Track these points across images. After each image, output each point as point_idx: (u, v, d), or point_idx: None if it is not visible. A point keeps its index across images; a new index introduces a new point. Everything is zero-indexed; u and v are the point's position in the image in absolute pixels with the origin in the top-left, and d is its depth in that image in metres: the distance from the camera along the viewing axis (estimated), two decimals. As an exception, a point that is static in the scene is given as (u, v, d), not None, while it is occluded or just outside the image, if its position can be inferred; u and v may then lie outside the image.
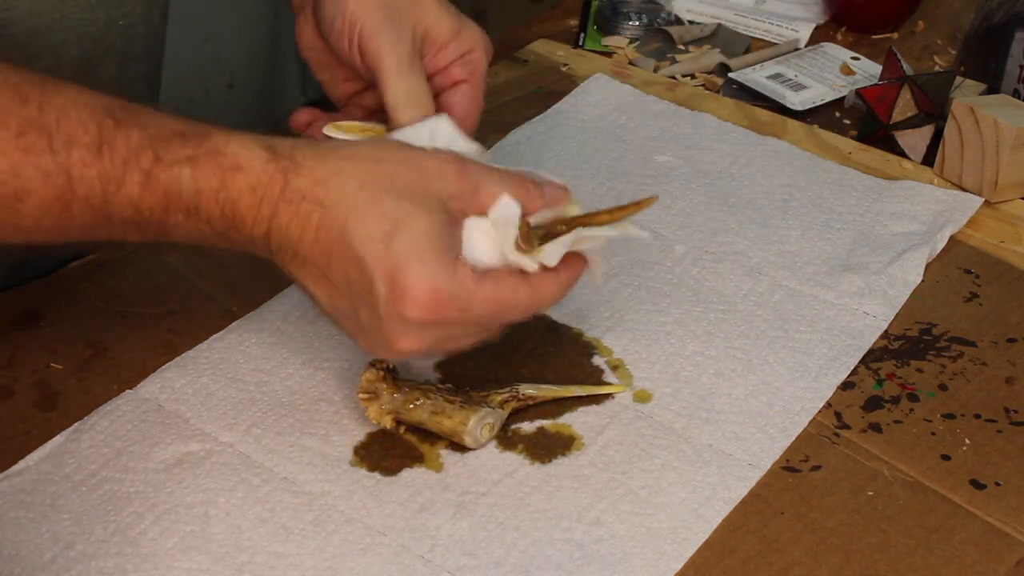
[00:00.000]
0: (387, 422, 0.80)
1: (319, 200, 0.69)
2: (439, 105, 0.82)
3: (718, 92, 1.19)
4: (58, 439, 0.80)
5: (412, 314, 0.69)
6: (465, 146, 0.79)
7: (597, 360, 0.88)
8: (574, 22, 1.30)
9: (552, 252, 0.73)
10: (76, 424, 0.81)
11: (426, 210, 0.70)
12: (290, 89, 1.17)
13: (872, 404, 0.85)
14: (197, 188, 0.68)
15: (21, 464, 0.78)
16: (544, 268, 0.73)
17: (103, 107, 0.67)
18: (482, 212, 0.72)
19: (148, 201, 0.68)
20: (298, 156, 0.70)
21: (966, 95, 1.11)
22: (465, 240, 0.72)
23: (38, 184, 0.65)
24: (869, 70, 1.22)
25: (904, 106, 1.10)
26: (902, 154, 1.10)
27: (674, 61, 1.24)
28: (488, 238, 0.72)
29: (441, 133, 0.79)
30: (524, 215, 0.73)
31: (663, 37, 1.27)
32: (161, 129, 0.68)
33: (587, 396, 0.84)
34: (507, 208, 0.72)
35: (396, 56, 0.80)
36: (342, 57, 0.83)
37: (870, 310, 0.92)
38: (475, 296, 0.70)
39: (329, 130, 0.81)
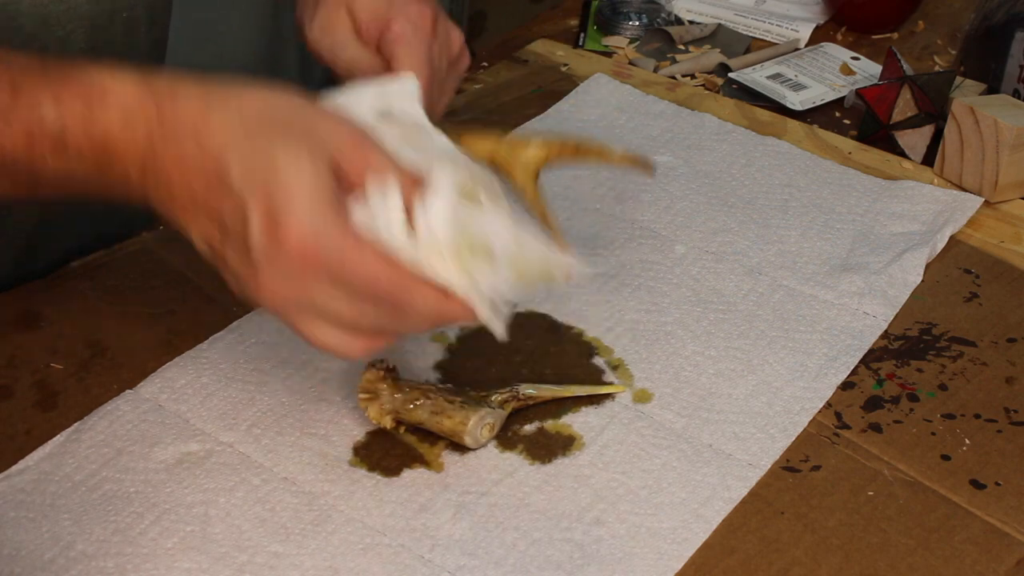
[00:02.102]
0: (387, 422, 0.80)
1: (197, 132, 0.65)
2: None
3: (718, 92, 1.19)
4: (58, 439, 0.80)
5: (285, 252, 0.64)
6: (415, 114, 0.75)
7: (597, 360, 0.88)
8: (574, 22, 1.30)
9: (438, 212, 0.67)
10: (76, 424, 0.81)
11: (312, 158, 0.65)
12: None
13: (872, 404, 0.85)
14: (62, 121, 0.64)
15: (21, 464, 0.78)
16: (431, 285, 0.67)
17: None
18: (359, 184, 0.67)
19: (10, 138, 0.64)
20: (179, 87, 0.66)
21: (966, 95, 1.11)
22: (367, 206, 0.67)
23: None
24: (869, 70, 1.22)
25: (904, 106, 1.10)
26: (902, 154, 1.10)
27: (674, 61, 1.24)
28: (392, 215, 0.67)
29: (394, 93, 0.75)
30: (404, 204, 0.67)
31: (663, 37, 1.27)
32: (22, 63, 0.65)
33: (587, 396, 0.84)
34: (388, 188, 0.67)
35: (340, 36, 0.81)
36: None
37: (870, 310, 0.92)
38: (353, 257, 0.65)
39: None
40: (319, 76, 1.01)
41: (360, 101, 0.74)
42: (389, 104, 0.75)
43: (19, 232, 0.93)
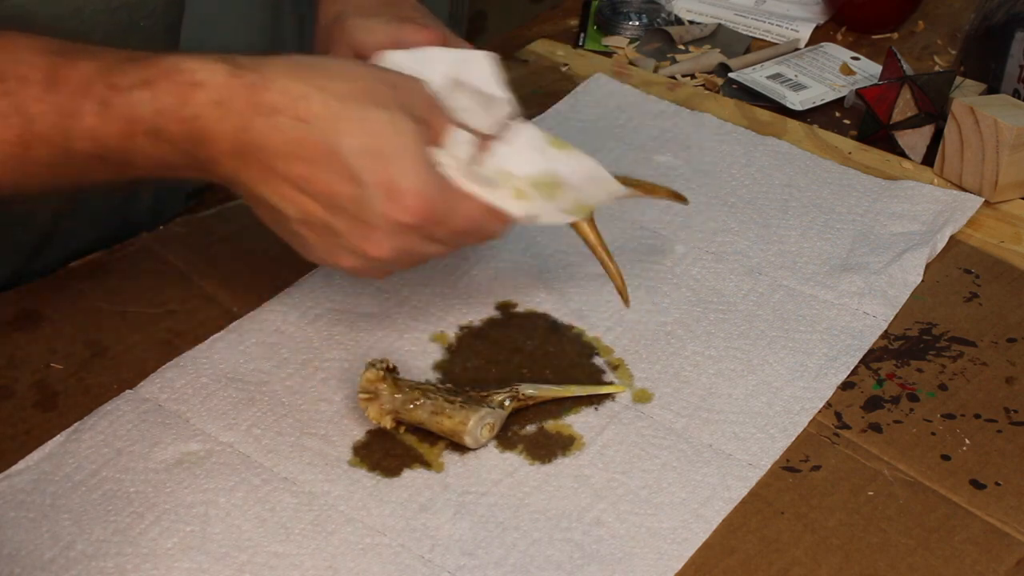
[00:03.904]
0: (387, 422, 0.80)
1: (300, 116, 0.69)
2: None
3: (718, 92, 1.19)
4: (58, 439, 0.80)
5: (404, 218, 0.71)
6: (491, 86, 0.79)
7: (597, 360, 0.88)
8: (574, 22, 1.30)
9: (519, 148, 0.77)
10: (76, 424, 0.81)
11: (410, 120, 0.72)
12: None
13: (872, 404, 0.85)
14: (157, 109, 0.67)
15: (21, 464, 0.78)
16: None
17: (49, 45, 0.67)
18: (436, 141, 0.75)
19: (107, 129, 0.67)
20: (267, 71, 0.69)
21: (966, 95, 1.11)
22: (452, 153, 0.75)
23: None
24: (869, 70, 1.22)
25: (904, 106, 1.10)
26: (902, 154, 1.10)
27: (674, 61, 1.24)
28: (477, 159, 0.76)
29: (471, 63, 0.79)
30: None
31: (663, 37, 1.27)
32: (112, 57, 0.67)
33: (587, 396, 0.84)
34: (461, 137, 0.76)
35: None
36: None
37: (870, 310, 0.92)
38: (458, 209, 0.74)
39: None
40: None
41: (433, 65, 0.78)
42: (461, 74, 0.78)
43: (31, 232, 0.93)
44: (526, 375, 0.86)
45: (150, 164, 0.69)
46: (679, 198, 0.88)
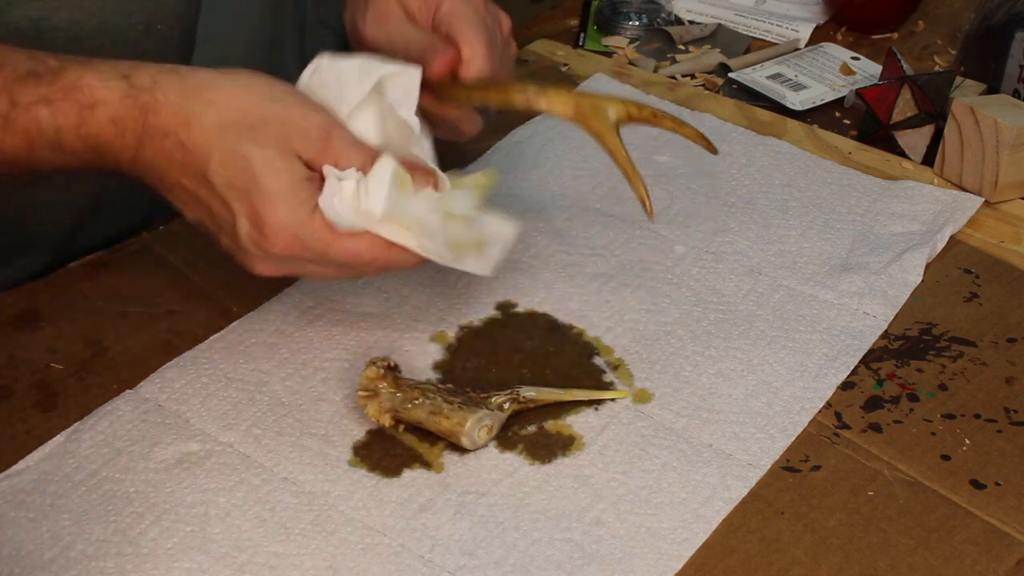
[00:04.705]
0: (386, 420, 0.80)
1: (180, 141, 0.72)
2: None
3: (718, 92, 1.19)
4: (58, 439, 0.80)
5: (273, 250, 0.74)
6: (405, 113, 0.79)
7: (597, 360, 0.88)
8: (574, 22, 1.30)
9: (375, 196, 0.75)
10: (76, 424, 0.81)
11: (285, 161, 0.72)
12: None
13: (872, 404, 0.85)
14: (57, 126, 0.70)
15: (21, 464, 0.78)
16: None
17: None
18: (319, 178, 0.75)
19: (10, 141, 0.70)
20: (159, 92, 0.71)
21: (966, 95, 1.11)
22: (326, 191, 0.74)
23: None
24: (869, 70, 1.22)
25: (904, 106, 1.10)
26: (902, 154, 1.10)
27: (674, 61, 1.24)
28: (345, 197, 0.75)
29: (394, 76, 0.78)
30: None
31: (663, 37, 1.27)
32: (15, 70, 0.69)
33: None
34: (344, 174, 0.75)
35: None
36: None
37: (870, 310, 0.92)
38: (331, 246, 0.74)
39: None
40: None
41: (355, 71, 0.78)
42: (384, 84, 0.78)
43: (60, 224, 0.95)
44: (526, 375, 0.86)
45: (56, 168, 0.73)
46: (707, 143, 0.87)
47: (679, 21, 1.31)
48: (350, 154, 0.75)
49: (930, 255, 0.98)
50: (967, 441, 0.83)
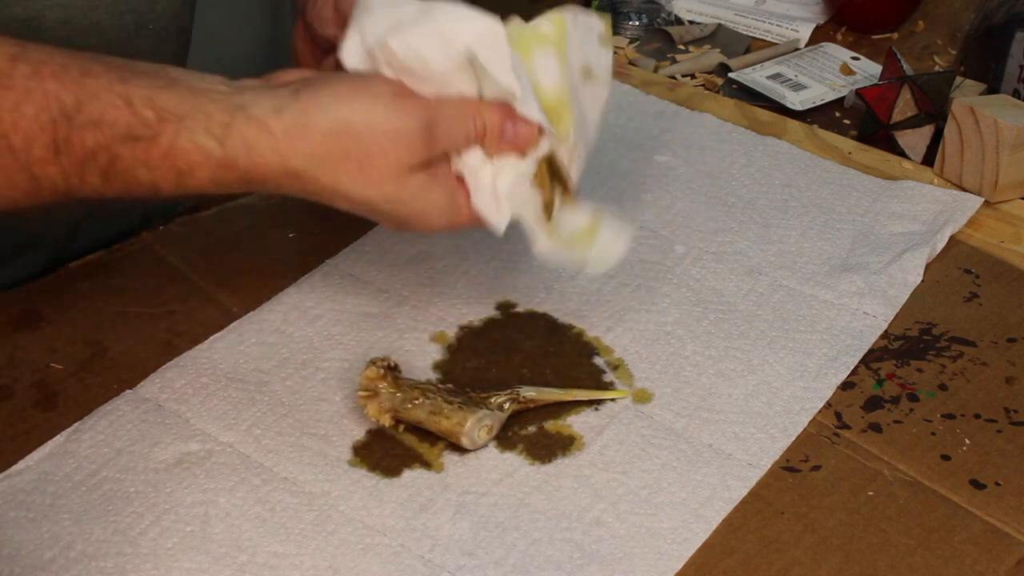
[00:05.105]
0: (386, 420, 0.80)
1: (278, 185, 0.73)
2: None
3: (718, 92, 1.19)
4: (58, 439, 0.80)
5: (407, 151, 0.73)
6: (504, 78, 0.75)
7: (597, 360, 0.88)
8: (574, 22, 1.30)
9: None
10: (76, 424, 0.81)
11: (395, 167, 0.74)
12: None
13: (872, 404, 0.85)
14: (155, 183, 0.71)
15: (21, 464, 0.78)
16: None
17: (56, 103, 0.68)
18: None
19: (110, 189, 0.71)
20: (256, 156, 0.72)
21: (966, 95, 1.11)
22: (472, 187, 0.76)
23: (4, 182, 0.68)
24: (869, 70, 1.22)
25: (904, 106, 1.10)
26: (902, 154, 1.10)
27: (674, 61, 1.24)
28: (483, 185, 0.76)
29: (489, 45, 0.74)
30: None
31: (663, 37, 1.27)
32: (113, 128, 0.69)
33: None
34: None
35: None
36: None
37: (870, 310, 0.92)
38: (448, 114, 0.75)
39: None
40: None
41: (433, 39, 0.74)
42: (472, 48, 0.74)
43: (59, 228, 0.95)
44: (526, 375, 0.86)
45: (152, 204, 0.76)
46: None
47: (679, 21, 1.31)
48: (456, 131, 0.75)
49: (930, 255, 0.98)
50: (967, 441, 0.83)
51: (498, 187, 0.76)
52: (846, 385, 0.87)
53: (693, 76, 1.22)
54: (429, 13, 0.74)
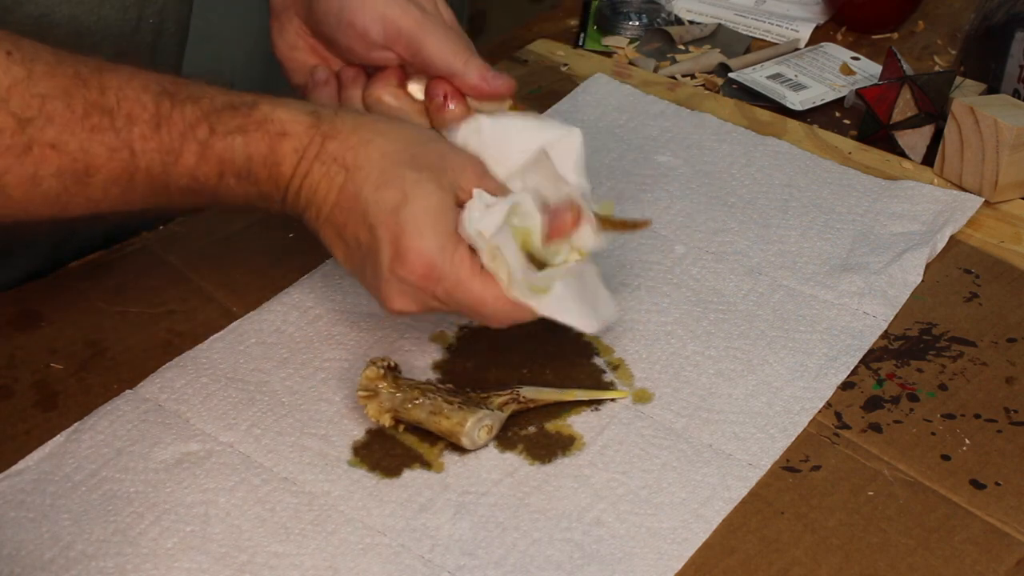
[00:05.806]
0: (386, 420, 0.80)
1: (345, 164, 0.75)
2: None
3: (718, 92, 1.19)
4: (58, 439, 0.80)
5: (408, 278, 0.75)
6: (573, 176, 0.80)
7: (597, 360, 0.88)
8: (574, 22, 1.30)
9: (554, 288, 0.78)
10: (76, 424, 0.81)
11: (438, 188, 0.75)
12: (289, 88, 1.17)
13: (872, 404, 0.85)
14: (248, 154, 0.74)
15: (21, 464, 0.78)
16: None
17: (157, 85, 0.72)
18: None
19: (204, 169, 0.73)
20: (338, 123, 0.76)
21: (966, 95, 1.11)
22: (467, 205, 0.76)
23: (105, 159, 0.70)
24: (869, 70, 1.22)
25: (904, 106, 1.10)
26: (902, 154, 1.10)
27: (674, 61, 1.24)
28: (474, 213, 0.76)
29: (555, 139, 0.80)
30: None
31: (663, 37, 1.27)
32: (213, 102, 0.73)
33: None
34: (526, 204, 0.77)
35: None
36: (354, 50, 0.85)
37: (870, 310, 0.92)
38: (461, 286, 0.75)
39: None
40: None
41: (517, 133, 0.81)
42: (549, 151, 0.80)
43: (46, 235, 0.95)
44: (526, 375, 0.86)
45: (234, 200, 0.76)
46: (638, 227, 0.86)
47: (679, 21, 1.31)
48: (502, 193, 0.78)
49: (930, 255, 0.98)
50: (967, 441, 0.83)
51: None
52: (846, 385, 0.87)
53: (693, 76, 1.22)
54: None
